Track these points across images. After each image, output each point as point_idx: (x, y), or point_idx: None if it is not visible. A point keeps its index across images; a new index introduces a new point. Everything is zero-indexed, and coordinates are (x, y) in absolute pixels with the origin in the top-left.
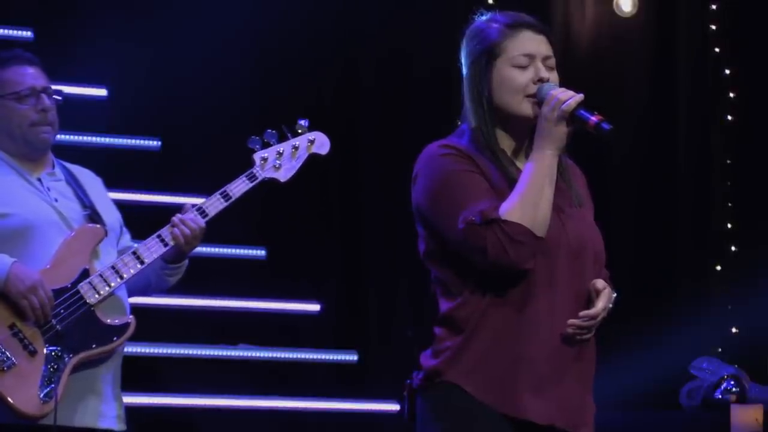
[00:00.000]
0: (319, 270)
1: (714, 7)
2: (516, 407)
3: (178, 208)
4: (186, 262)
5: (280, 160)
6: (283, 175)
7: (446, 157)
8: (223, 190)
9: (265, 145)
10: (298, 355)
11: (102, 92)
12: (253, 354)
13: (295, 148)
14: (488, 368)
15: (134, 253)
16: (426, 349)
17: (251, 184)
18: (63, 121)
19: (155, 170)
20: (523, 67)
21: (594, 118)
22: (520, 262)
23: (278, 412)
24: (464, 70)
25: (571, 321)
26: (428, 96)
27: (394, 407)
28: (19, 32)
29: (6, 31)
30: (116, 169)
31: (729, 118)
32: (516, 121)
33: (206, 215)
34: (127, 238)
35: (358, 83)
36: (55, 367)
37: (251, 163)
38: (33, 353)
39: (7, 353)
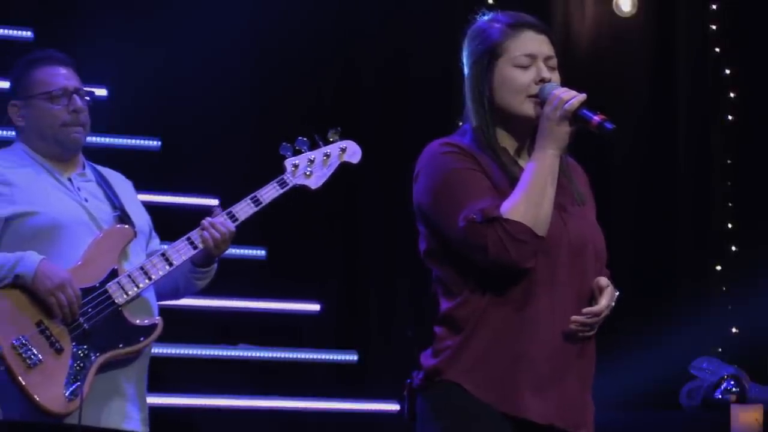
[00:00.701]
0: (319, 270)
1: (714, 7)
2: (516, 406)
3: (178, 208)
4: (215, 266)
5: (311, 167)
6: (314, 183)
7: (448, 155)
8: (253, 195)
9: (297, 152)
10: (298, 355)
11: (102, 92)
12: (253, 354)
13: (327, 156)
14: (488, 367)
15: (163, 254)
16: (426, 349)
17: (282, 191)
18: None
19: (155, 170)
20: (524, 67)
21: (597, 118)
22: (521, 260)
23: (278, 412)
24: (466, 70)
25: (575, 318)
26: (428, 96)
27: (394, 407)
28: (19, 32)
29: (6, 31)
30: (116, 169)
31: (729, 118)
32: (517, 121)
33: (236, 219)
34: (156, 242)
35: (358, 83)
36: (81, 365)
37: (282, 170)
38: (60, 351)
39: (34, 350)
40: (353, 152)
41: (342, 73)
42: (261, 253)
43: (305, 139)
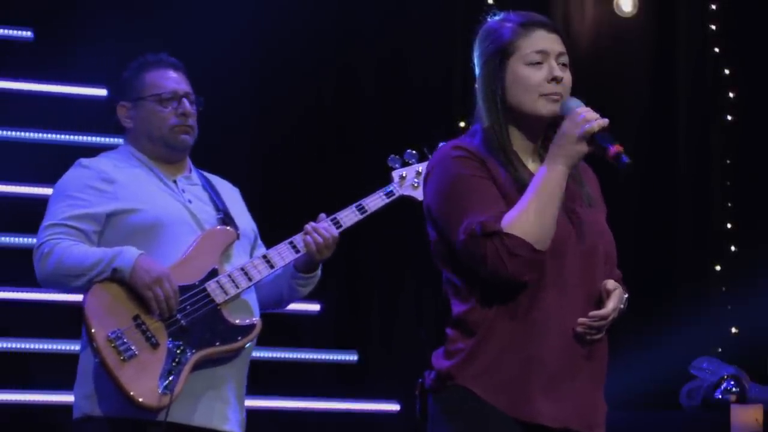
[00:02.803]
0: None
1: (714, 7)
2: (528, 411)
3: None
4: (318, 272)
5: (419, 179)
6: (421, 194)
7: (457, 160)
8: (359, 203)
9: (405, 164)
10: (298, 355)
11: (102, 92)
12: (253, 354)
13: None
14: (500, 372)
15: (264, 257)
16: (437, 349)
17: (388, 200)
18: (62, 122)
19: None
20: (537, 65)
21: (614, 149)
22: (518, 274)
23: (278, 412)
24: (477, 71)
25: (582, 320)
26: (429, 96)
27: (395, 407)
28: (19, 32)
29: (6, 31)
30: None
31: (729, 118)
32: (529, 119)
33: (340, 226)
34: (261, 250)
35: (358, 83)
36: (177, 361)
37: (389, 180)
38: (155, 346)
39: (129, 344)
40: None
41: (342, 73)
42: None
43: (414, 151)
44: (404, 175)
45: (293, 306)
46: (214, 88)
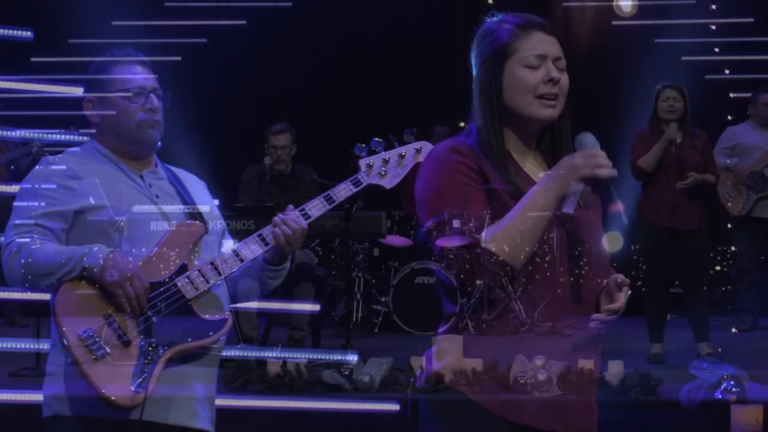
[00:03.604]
0: (319, 269)
1: (713, 7)
2: (517, 414)
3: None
4: (288, 264)
5: (385, 167)
6: (389, 182)
7: (453, 162)
8: (327, 194)
9: (371, 153)
10: (299, 356)
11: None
12: (254, 354)
13: (402, 156)
14: (490, 374)
15: (234, 251)
16: (429, 348)
17: (355, 189)
18: (63, 121)
19: None
20: (534, 68)
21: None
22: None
23: (278, 412)
24: (474, 71)
25: (596, 316)
26: (429, 95)
27: (394, 407)
28: (19, 32)
29: (6, 31)
30: None
31: (729, 118)
32: (525, 121)
33: (309, 217)
34: (230, 243)
35: (358, 83)
36: (149, 358)
37: (356, 169)
38: (127, 344)
39: (101, 342)
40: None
41: (342, 73)
42: None
43: (380, 140)
44: (371, 163)
45: (293, 306)
46: (214, 88)
